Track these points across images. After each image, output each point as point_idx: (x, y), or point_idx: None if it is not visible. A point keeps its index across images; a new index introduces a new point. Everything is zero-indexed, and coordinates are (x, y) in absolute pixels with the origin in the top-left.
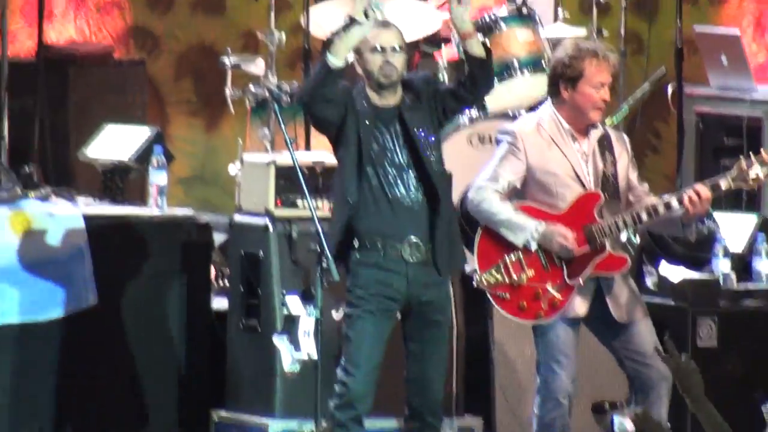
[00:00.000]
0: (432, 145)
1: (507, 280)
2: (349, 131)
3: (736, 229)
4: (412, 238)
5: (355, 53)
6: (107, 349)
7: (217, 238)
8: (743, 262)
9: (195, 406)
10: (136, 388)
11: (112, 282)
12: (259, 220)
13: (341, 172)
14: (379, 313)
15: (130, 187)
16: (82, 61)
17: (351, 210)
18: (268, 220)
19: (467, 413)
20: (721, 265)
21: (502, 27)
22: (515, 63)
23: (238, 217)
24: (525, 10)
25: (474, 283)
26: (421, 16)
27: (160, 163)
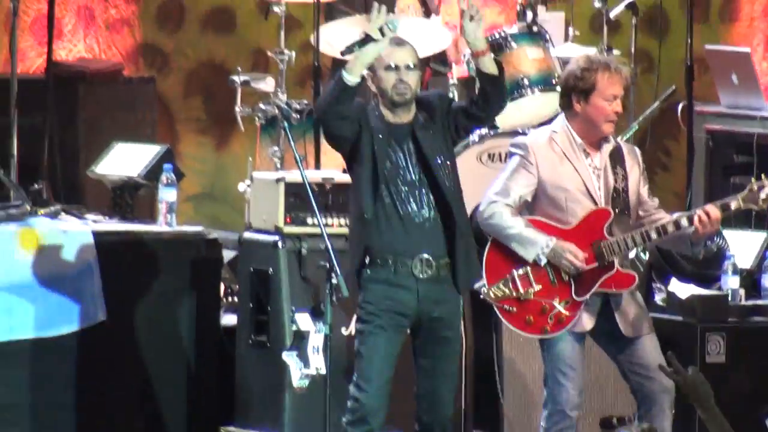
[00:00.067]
0: (445, 163)
1: (514, 294)
2: (363, 148)
3: (745, 246)
4: (423, 255)
5: (369, 71)
6: (117, 365)
7: (227, 254)
8: (752, 279)
9: (204, 422)
10: (145, 403)
11: (122, 298)
12: (269, 237)
13: (357, 189)
14: (390, 328)
15: (139, 205)
16: (91, 78)
17: (368, 225)
18: (277, 237)
19: (476, 428)
20: (730, 282)
21: (513, 45)
22: (525, 81)
23: (247, 234)
24: (535, 29)
25: (481, 296)
26: (430, 34)
27: (169, 181)
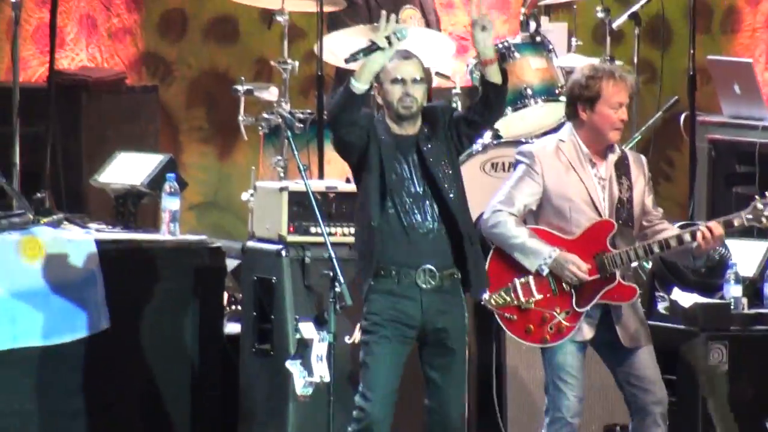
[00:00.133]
0: (449, 174)
1: (515, 302)
2: (371, 157)
3: (747, 255)
4: (427, 266)
5: (376, 82)
6: (121, 373)
7: (230, 263)
8: (754, 288)
9: (208, 430)
10: (149, 412)
11: (125, 307)
12: (272, 246)
13: (364, 198)
14: (395, 338)
15: (142, 214)
16: (94, 87)
17: (375, 234)
18: (281, 246)
19: None
20: (733, 291)
21: (516, 55)
22: (528, 91)
23: (251, 242)
24: (538, 39)
25: (482, 302)
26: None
27: (172, 189)
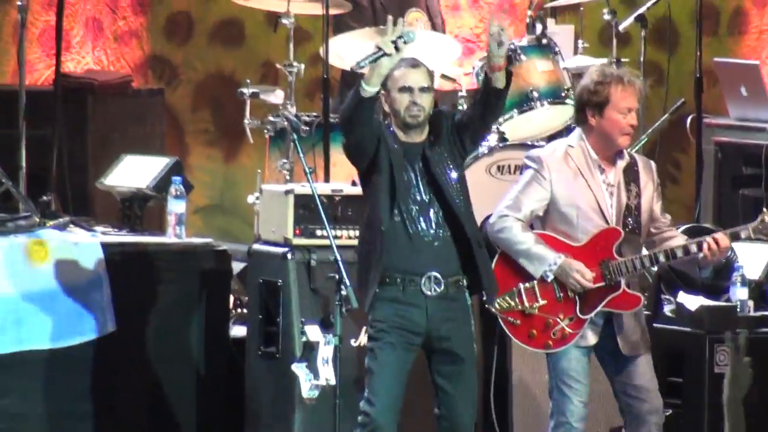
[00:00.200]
0: (454, 182)
1: (519, 307)
2: (381, 162)
3: (753, 257)
4: (432, 273)
5: (383, 90)
6: (127, 376)
7: (236, 266)
8: (760, 290)
9: None
10: (155, 414)
11: (131, 310)
12: (278, 249)
13: (373, 202)
14: (400, 345)
15: (148, 217)
16: (100, 90)
17: (383, 238)
18: (287, 249)
19: None
20: (739, 293)
21: (522, 58)
22: (534, 94)
23: (256, 245)
24: (545, 41)
25: (486, 305)
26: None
27: (178, 192)
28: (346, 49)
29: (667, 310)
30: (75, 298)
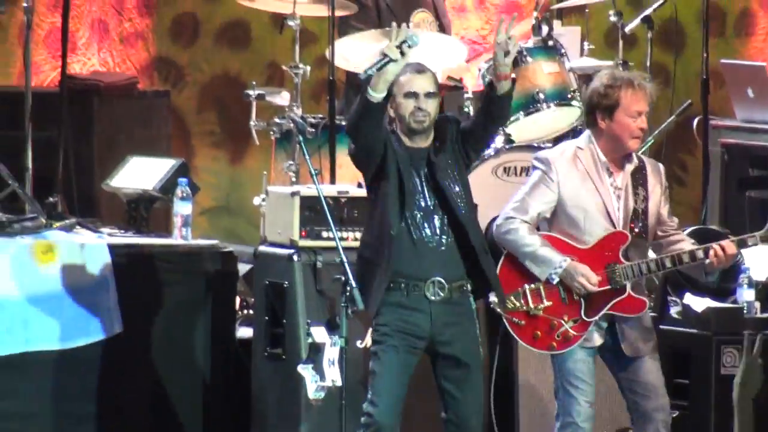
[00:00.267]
0: (458, 189)
1: (524, 307)
2: (389, 167)
3: (760, 259)
4: (436, 278)
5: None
6: (133, 378)
7: (242, 268)
8: (767, 292)
9: None
10: (161, 416)
11: (137, 311)
12: (284, 250)
13: (381, 207)
14: (403, 348)
15: (154, 218)
16: (106, 92)
17: (393, 242)
18: (293, 250)
19: None
20: (746, 295)
21: (528, 59)
22: (541, 95)
23: (262, 247)
24: (551, 43)
25: (491, 305)
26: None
27: (184, 194)
28: (351, 51)
29: (673, 311)
30: (81, 299)
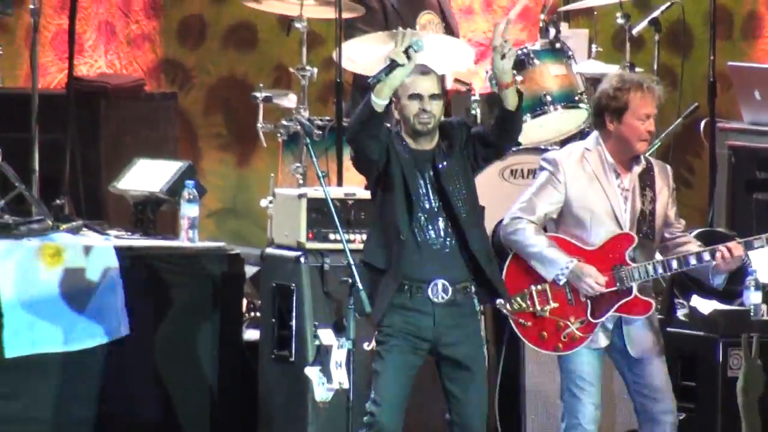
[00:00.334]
0: (462, 192)
1: (531, 308)
2: (393, 172)
3: (767, 261)
4: (439, 280)
5: (394, 97)
6: (140, 380)
7: (249, 270)
8: None
9: None
10: (168, 418)
11: (144, 314)
12: (291, 253)
13: (389, 212)
14: (406, 348)
15: (161, 220)
16: (113, 94)
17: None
18: (300, 253)
19: None
20: (752, 297)
21: (535, 62)
22: (548, 98)
23: (270, 249)
24: (558, 45)
25: (497, 306)
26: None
27: (191, 196)
28: (358, 53)
29: (680, 314)
30: (88, 301)
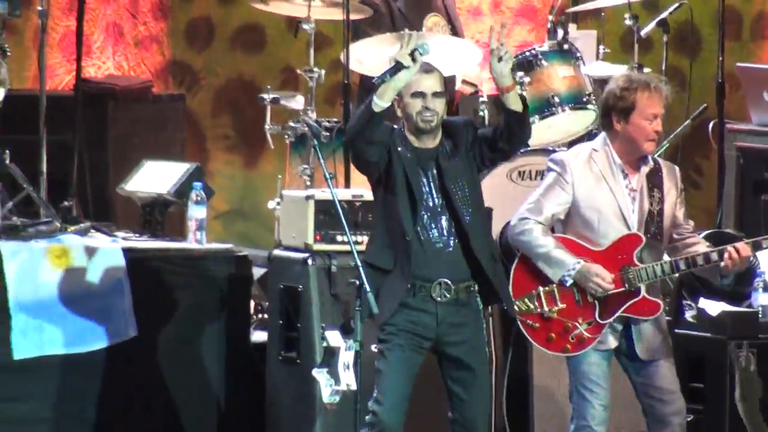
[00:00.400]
0: (466, 192)
1: (538, 310)
2: (396, 172)
3: None
4: (443, 279)
5: (396, 95)
6: (147, 381)
7: (256, 272)
8: None
9: None
10: (175, 420)
11: (152, 315)
12: (299, 254)
13: (392, 213)
14: (409, 347)
15: (169, 222)
16: (120, 95)
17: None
18: (307, 254)
19: None
20: (761, 299)
21: (543, 63)
22: (556, 99)
23: (277, 251)
24: (566, 46)
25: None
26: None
27: (199, 198)
28: (366, 55)
29: (688, 315)
30: (96, 303)
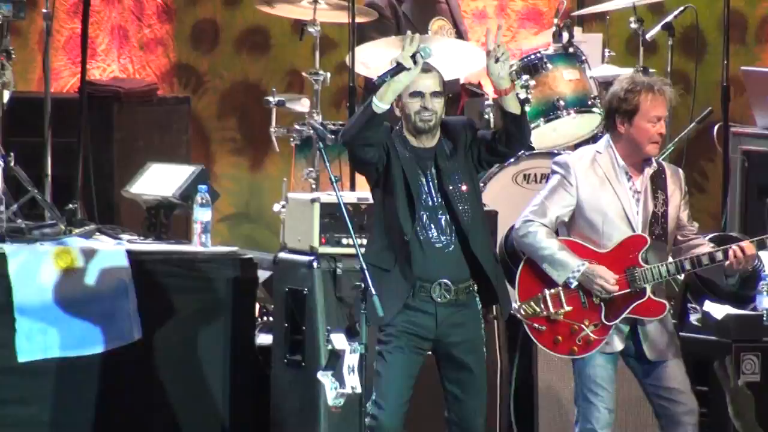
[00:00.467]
0: (464, 192)
1: (544, 312)
2: (395, 173)
3: None
4: (443, 280)
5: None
6: (152, 384)
7: (262, 274)
8: None
9: None
10: (181, 423)
11: (157, 318)
12: (304, 257)
13: (391, 213)
14: (409, 349)
15: (174, 225)
16: (126, 98)
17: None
18: (312, 257)
19: None
20: (765, 302)
21: (549, 66)
22: (561, 102)
23: (282, 254)
24: (571, 50)
25: (511, 311)
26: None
27: (204, 201)
28: (371, 58)
29: (693, 318)
30: (100, 306)
